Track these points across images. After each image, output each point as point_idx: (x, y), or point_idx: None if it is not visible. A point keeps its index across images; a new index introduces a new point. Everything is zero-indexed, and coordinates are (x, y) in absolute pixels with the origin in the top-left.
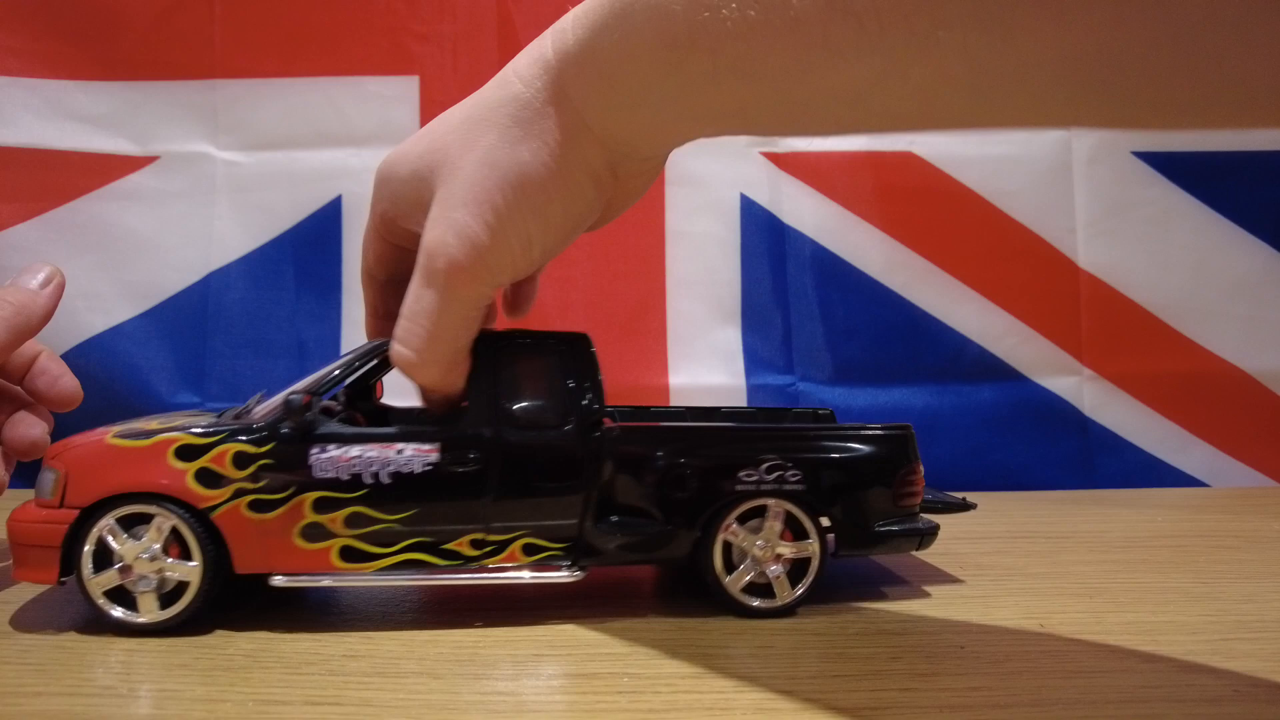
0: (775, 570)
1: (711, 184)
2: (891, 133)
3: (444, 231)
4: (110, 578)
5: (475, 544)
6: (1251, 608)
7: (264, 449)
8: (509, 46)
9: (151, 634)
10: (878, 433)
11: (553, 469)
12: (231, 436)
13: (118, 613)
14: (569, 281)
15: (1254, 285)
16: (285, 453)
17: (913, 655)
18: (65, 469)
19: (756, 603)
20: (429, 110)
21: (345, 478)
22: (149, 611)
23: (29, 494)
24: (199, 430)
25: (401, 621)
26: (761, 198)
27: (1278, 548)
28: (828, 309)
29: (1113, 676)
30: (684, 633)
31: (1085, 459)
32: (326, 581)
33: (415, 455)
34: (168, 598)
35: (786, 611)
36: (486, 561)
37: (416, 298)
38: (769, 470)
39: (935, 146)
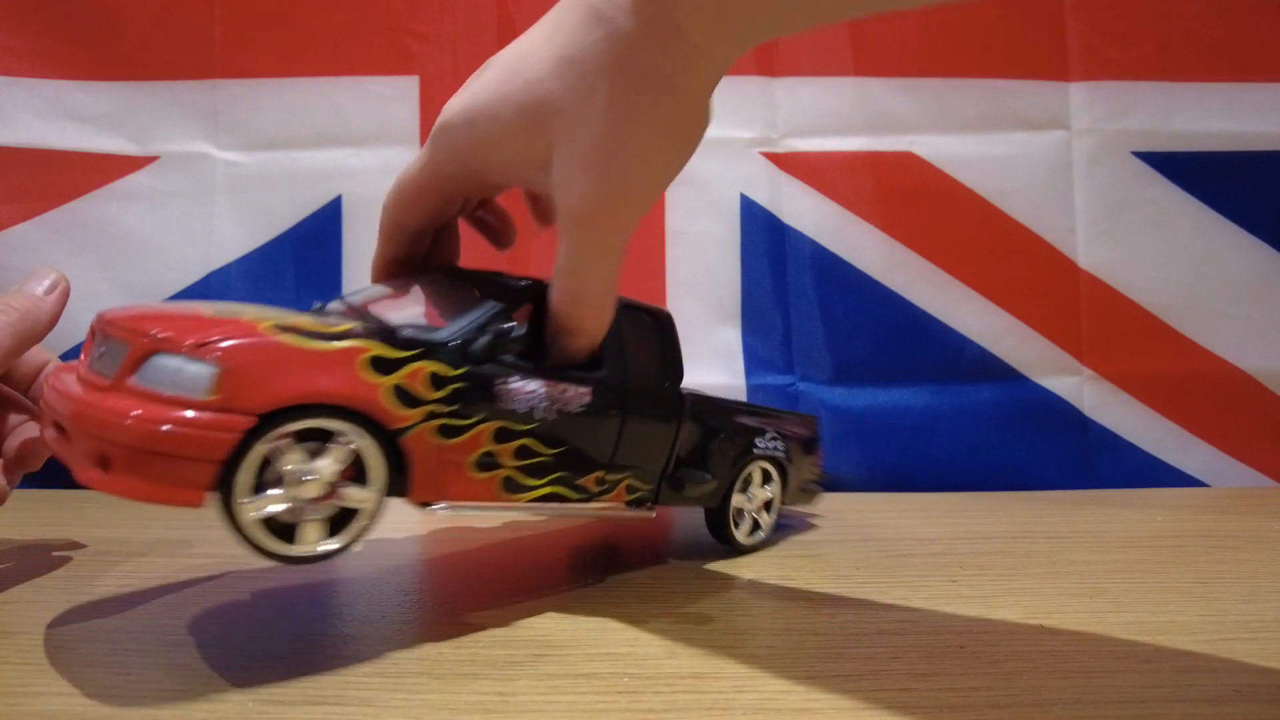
0: (753, 516)
1: (711, 184)
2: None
3: (592, 197)
4: (272, 502)
5: (598, 481)
6: (1251, 608)
7: (458, 371)
8: None
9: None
10: (808, 418)
11: (658, 421)
12: (427, 354)
13: (274, 545)
14: None
15: (1254, 285)
16: (477, 378)
17: (913, 655)
18: (229, 364)
19: (738, 535)
20: (429, 110)
21: (522, 410)
22: (313, 542)
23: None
24: (389, 341)
25: (401, 621)
26: (761, 198)
27: (1278, 548)
28: (828, 309)
29: (1113, 676)
30: (684, 633)
31: (1085, 459)
32: (489, 511)
33: (575, 395)
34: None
35: (744, 549)
36: (603, 498)
37: (575, 256)
38: (769, 440)
39: (935, 146)
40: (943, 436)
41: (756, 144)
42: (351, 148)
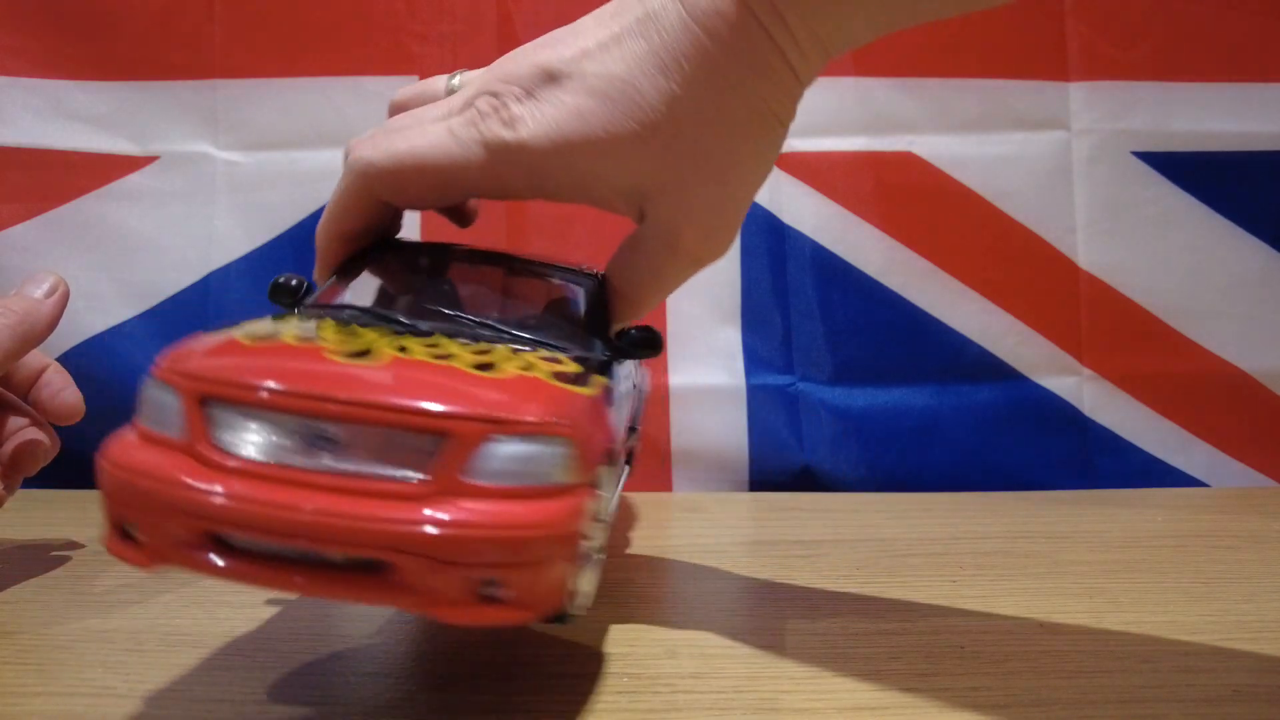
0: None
1: None
2: None
3: (705, 238)
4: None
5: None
6: (1251, 608)
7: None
8: (509, 47)
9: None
10: None
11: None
12: (600, 371)
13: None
14: None
15: (1254, 285)
16: (614, 383)
17: (913, 655)
18: (578, 437)
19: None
20: None
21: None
22: (592, 591)
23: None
24: (593, 367)
25: (401, 621)
26: (761, 198)
27: (1278, 548)
28: (828, 309)
29: (1113, 676)
30: (684, 633)
31: (1085, 459)
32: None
33: (631, 375)
34: None
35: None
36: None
37: (660, 278)
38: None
39: (935, 146)
40: (943, 436)
41: None
42: None
